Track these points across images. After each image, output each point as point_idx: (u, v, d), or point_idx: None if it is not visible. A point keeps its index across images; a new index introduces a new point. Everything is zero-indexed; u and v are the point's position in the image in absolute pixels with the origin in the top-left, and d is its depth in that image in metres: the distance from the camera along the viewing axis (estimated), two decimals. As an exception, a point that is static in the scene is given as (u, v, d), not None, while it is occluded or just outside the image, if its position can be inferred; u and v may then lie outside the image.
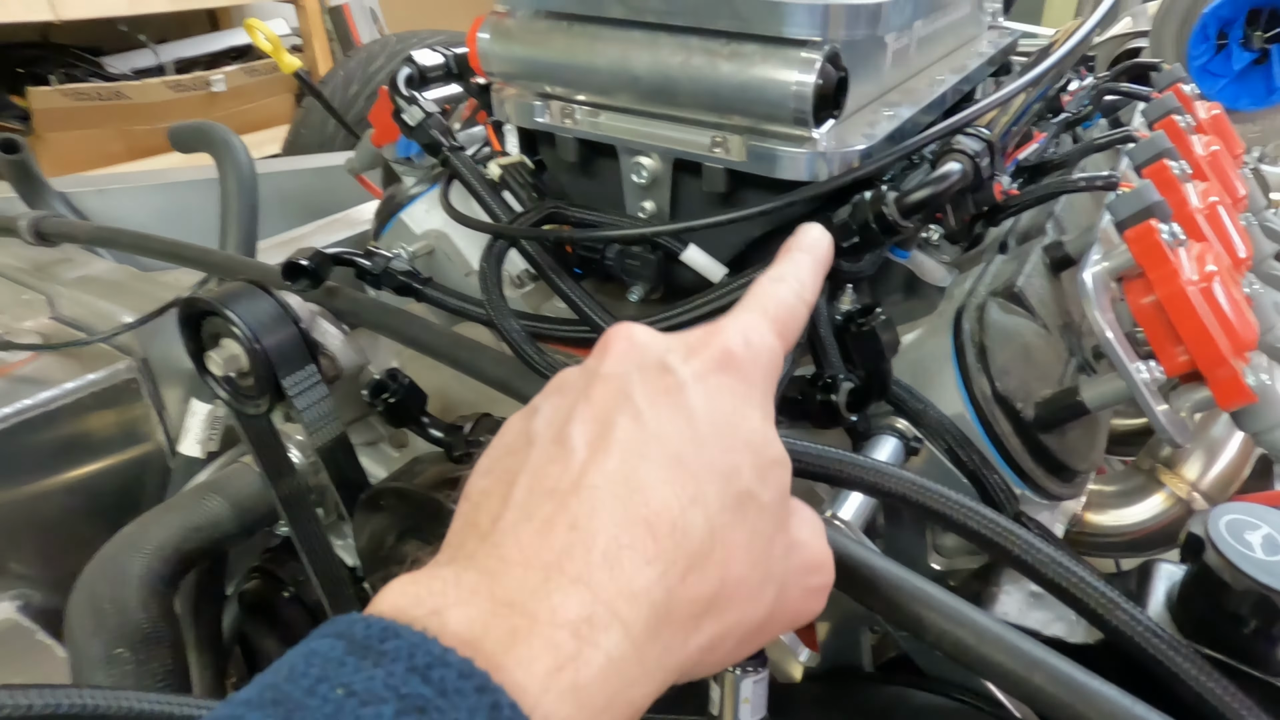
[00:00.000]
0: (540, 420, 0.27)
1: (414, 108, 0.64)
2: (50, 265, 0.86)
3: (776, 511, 0.27)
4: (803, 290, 0.34)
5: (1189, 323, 0.47)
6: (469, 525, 0.26)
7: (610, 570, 0.22)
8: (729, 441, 0.26)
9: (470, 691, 0.20)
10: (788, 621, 0.29)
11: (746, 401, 0.28)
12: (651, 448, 0.25)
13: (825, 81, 0.51)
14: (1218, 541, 0.36)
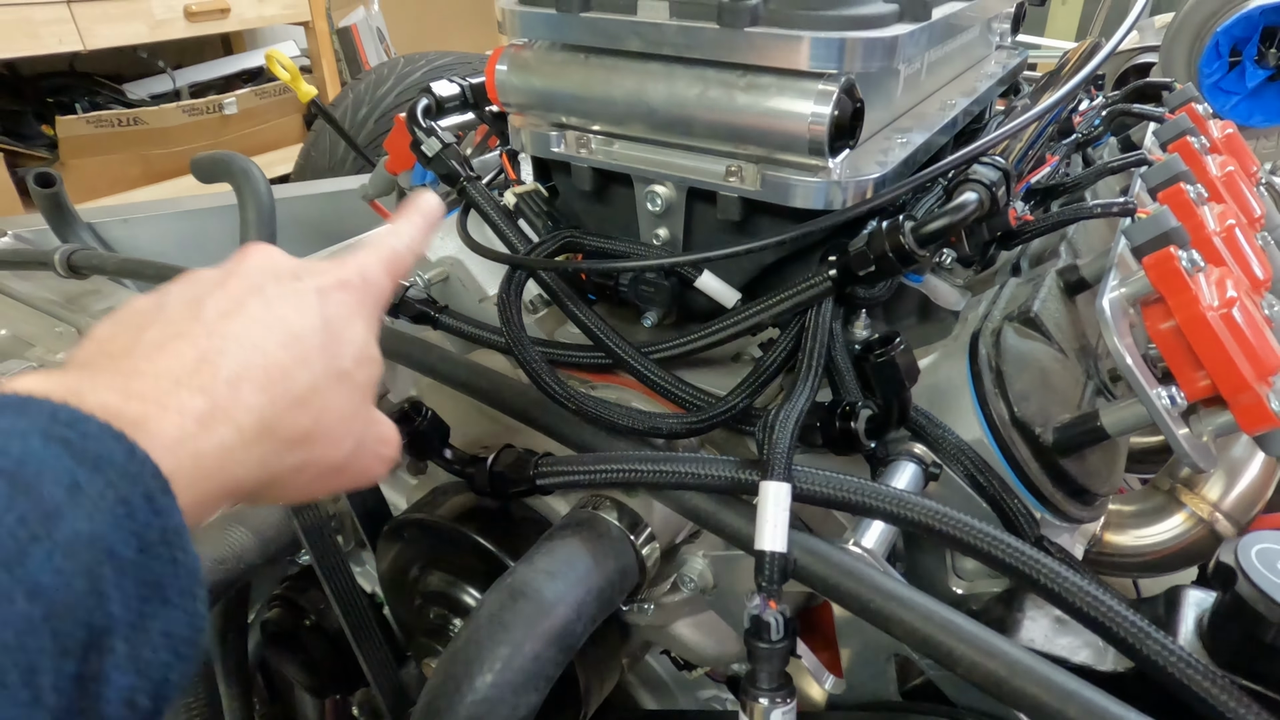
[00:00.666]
0: (171, 297, 0.33)
1: (432, 139, 0.65)
2: (80, 297, 0.87)
3: (365, 392, 0.36)
4: (412, 244, 0.42)
5: (1211, 349, 0.47)
6: (98, 354, 0.30)
7: (230, 389, 0.29)
8: (337, 335, 0.34)
9: (108, 438, 0.24)
10: (360, 471, 0.37)
11: (355, 315, 0.36)
12: (275, 325, 0.32)
13: (841, 113, 0.51)
14: (1250, 572, 0.36)
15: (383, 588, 0.64)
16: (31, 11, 1.90)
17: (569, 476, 0.49)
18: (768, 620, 0.40)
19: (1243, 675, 0.36)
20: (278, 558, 0.74)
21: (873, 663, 0.46)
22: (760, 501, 0.41)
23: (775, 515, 0.41)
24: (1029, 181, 0.67)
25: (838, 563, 0.40)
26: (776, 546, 0.40)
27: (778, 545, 0.40)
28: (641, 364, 0.58)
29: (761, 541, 0.40)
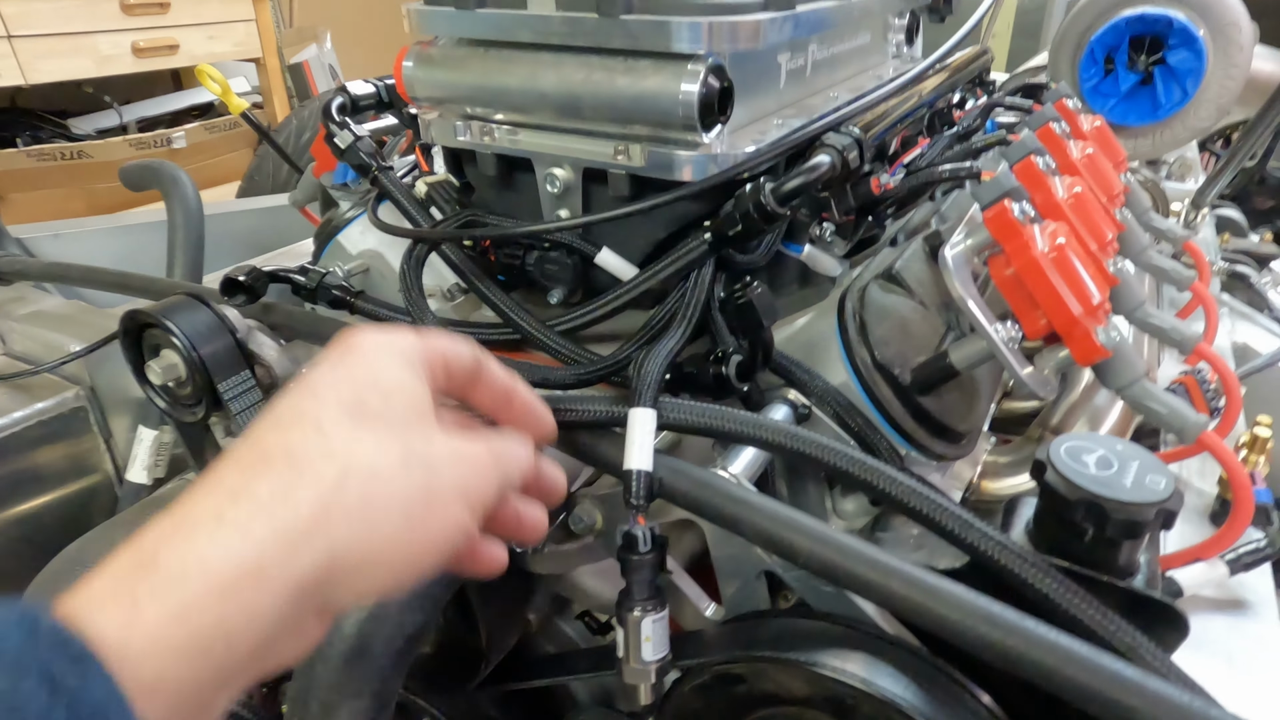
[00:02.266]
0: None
1: (345, 132, 0.69)
2: (4, 304, 0.89)
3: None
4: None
5: (1043, 288, 0.52)
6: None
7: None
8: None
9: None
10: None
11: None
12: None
13: (709, 90, 0.56)
14: (1056, 463, 0.40)
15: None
16: (-31, 45, 1.91)
17: (459, 423, 0.52)
18: (635, 534, 0.43)
19: (1059, 557, 0.40)
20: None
21: (746, 584, 0.49)
22: (629, 427, 0.45)
23: (641, 438, 0.44)
24: (903, 161, 0.73)
25: (697, 478, 0.44)
26: (643, 465, 0.43)
27: (644, 464, 0.43)
28: (542, 333, 0.62)
29: (629, 461, 0.44)
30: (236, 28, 2.57)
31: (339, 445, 0.31)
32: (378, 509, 0.31)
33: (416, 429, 0.34)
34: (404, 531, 0.32)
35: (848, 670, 0.38)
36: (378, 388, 0.34)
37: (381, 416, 0.33)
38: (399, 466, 0.32)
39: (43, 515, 0.82)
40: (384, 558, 0.31)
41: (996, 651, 0.33)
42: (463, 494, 0.34)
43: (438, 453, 0.34)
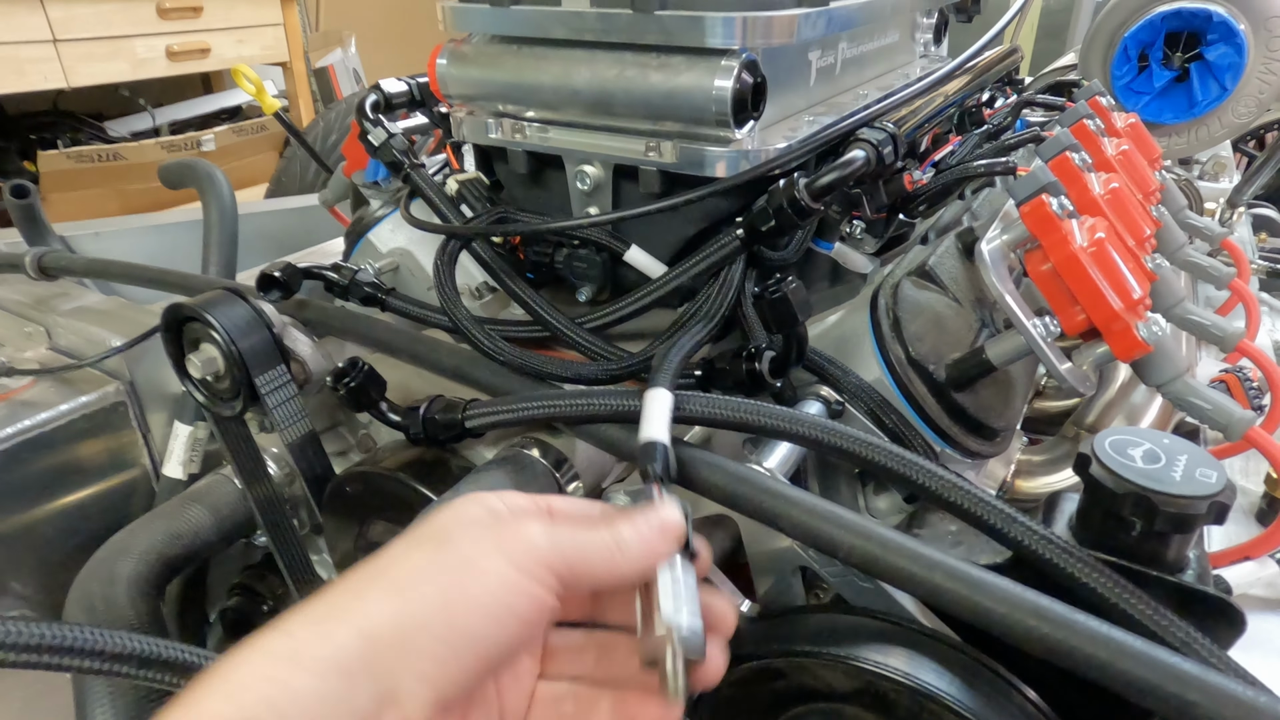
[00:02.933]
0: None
1: (378, 129, 0.70)
2: (49, 299, 0.91)
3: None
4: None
5: (1082, 283, 0.51)
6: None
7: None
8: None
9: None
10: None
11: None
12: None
13: (742, 86, 0.56)
14: (1102, 456, 0.39)
15: (329, 546, 0.67)
16: (19, 50, 1.97)
17: (494, 416, 0.53)
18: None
19: (1105, 552, 0.39)
20: (233, 537, 0.77)
21: (782, 579, 0.49)
22: (645, 405, 0.44)
23: (658, 414, 0.43)
24: (934, 159, 0.72)
25: (734, 472, 0.44)
26: (659, 437, 0.42)
27: (660, 437, 0.42)
28: (572, 329, 0.62)
29: (645, 434, 0.43)
30: (265, 32, 2.61)
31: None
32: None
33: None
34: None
35: (891, 665, 0.38)
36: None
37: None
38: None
39: (85, 507, 0.84)
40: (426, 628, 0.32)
41: (1047, 645, 0.33)
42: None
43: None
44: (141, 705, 0.58)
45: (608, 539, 0.35)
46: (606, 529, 0.35)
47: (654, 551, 0.36)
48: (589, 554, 0.34)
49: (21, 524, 0.80)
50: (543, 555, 0.34)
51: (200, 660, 0.41)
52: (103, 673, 0.38)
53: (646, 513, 0.37)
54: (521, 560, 0.33)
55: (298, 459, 0.65)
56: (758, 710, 0.46)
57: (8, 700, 0.74)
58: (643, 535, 0.35)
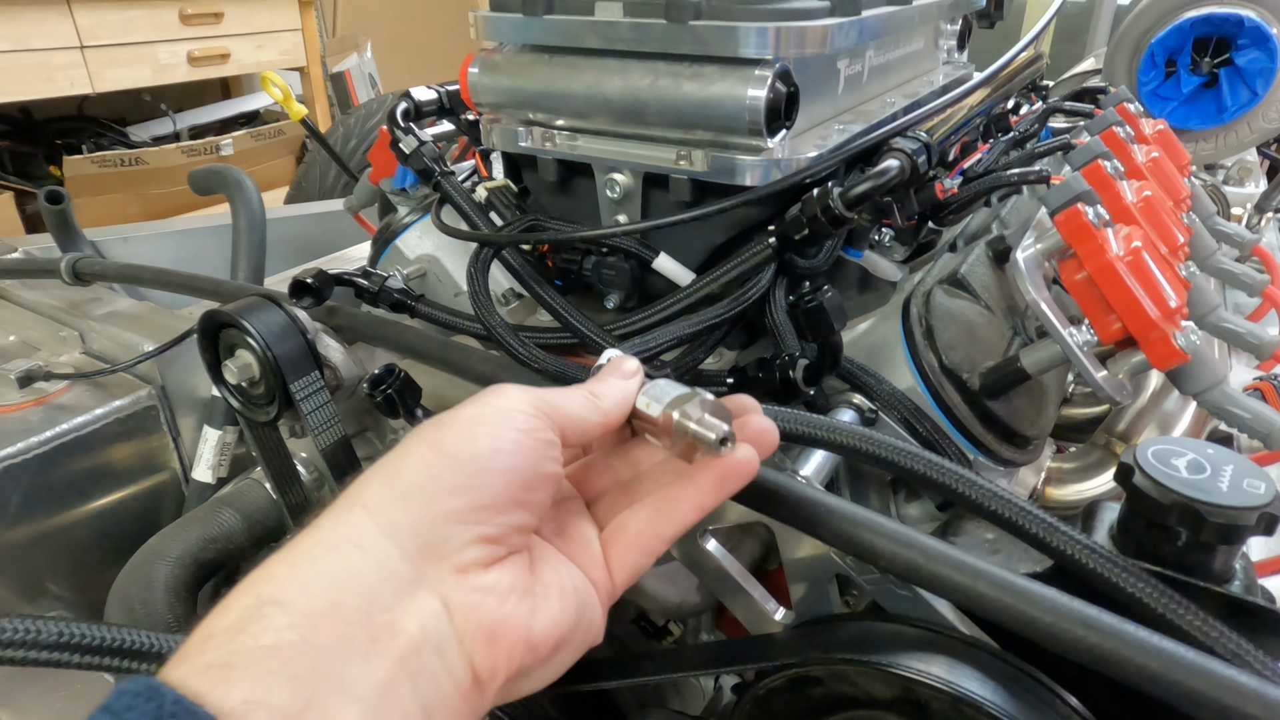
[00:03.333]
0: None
1: (409, 137, 0.71)
2: (82, 304, 0.92)
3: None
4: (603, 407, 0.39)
5: (1119, 292, 0.51)
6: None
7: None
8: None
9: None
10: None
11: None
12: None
13: (776, 95, 0.56)
14: (1145, 466, 0.39)
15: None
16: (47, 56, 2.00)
17: (530, 423, 0.53)
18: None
19: (1148, 561, 0.39)
20: (264, 540, 0.77)
21: (818, 587, 0.49)
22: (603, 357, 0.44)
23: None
24: (963, 167, 0.72)
25: (772, 480, 0.44)
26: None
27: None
28: (601, 336, 0.62)
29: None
30: (283, 37, 2.64)
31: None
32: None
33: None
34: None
35: (931, 672, 0.38)
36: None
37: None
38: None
39: (118, 510, 0.85)
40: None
41: (1096, 655, 0.33)
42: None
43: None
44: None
45: (580, 391, 0.37)
46: (576, 388, 0.37)
47: (625, 390, 0.38)
48: (569, 401, 0.36)
49: (57, 526, 0.81)
50: (522, 396, 0.34)
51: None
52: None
53: (605, 369, 0.39)
54: (501, 403, 0.34)
55: (331, 465, 0.66)
56: (795, 718, 0.46)
57: (48, 700, 0.75)
58: (610, 384, 0.38)
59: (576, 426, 0.36)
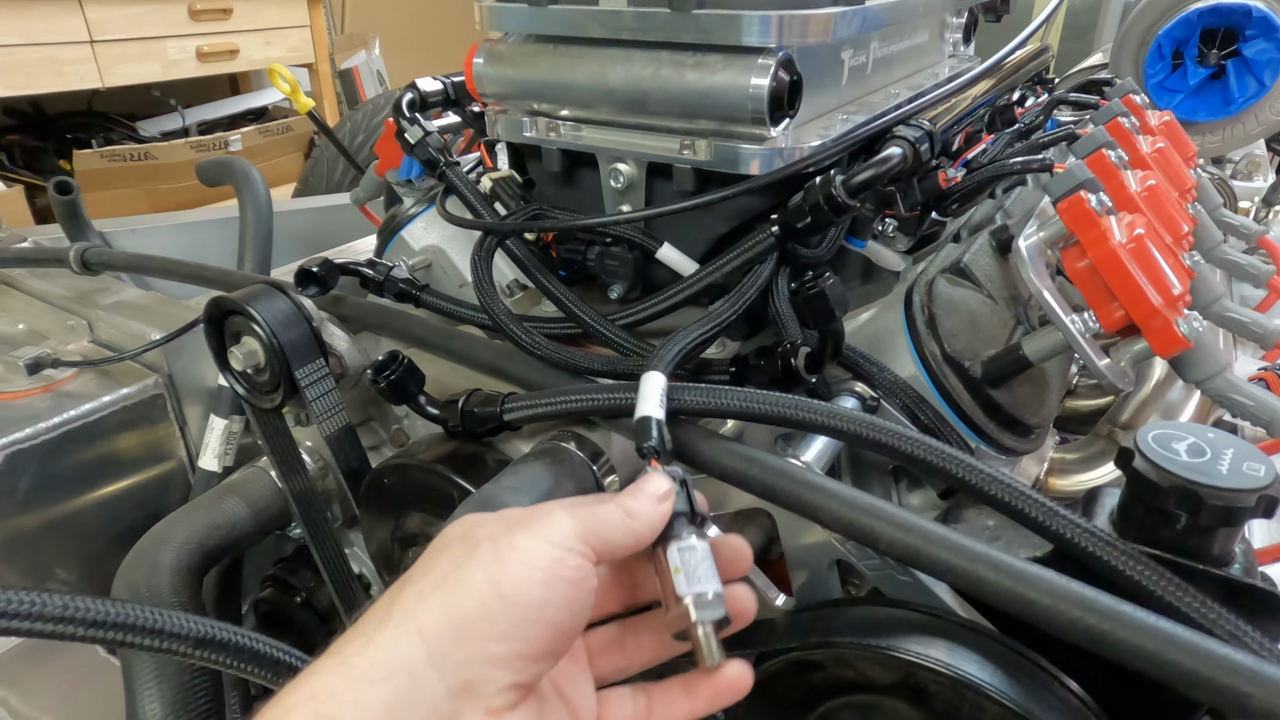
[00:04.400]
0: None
1: (415, 127, 0.71)
2: (90, 293, 0.93)
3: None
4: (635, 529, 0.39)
5: (1122, 280, 0.51)
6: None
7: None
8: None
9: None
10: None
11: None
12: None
13: (779, 84, 0.56)
14: (1145, 449, 0.39)
15: (365, 538, 0.68)
16: (57, 51, 2.02)
17: (532, 409, 0.53)
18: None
19: (1148, 546, 0.39)
20: (269, 528, 0.78)
21: (819, 574, 0.49)
22: (641, 387, 0.45)
23: (651, 394, 0.44)
24: (967, 157, 0.72)
25: (772, 465, 0.44)
26: (652, 413, 0.43)
27: (654, 412, 0.43)
28: (604, 326, 0.63)
29: (640, 411, 0.44)
30: (292, 34, 2.65)
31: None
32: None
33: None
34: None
35: (932, 656, 0.38)
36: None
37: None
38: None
39: (125, 497, 0.86)
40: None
41: (1093, 636, 0.33)
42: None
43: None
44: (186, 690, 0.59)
45: (618, 510, 0.38)
46: (613, 503, 0.38)
47: (656, 513, 0.38)
48: (608, 525, 0.37)
49: (65, 512, 0.82)
50: (571, 529, 0.35)
51: (268, 649, 0.42)
52: (168, 652, 0.39)
53: (641, 483, 0.39)
54: (554, 536, 0.35)
55: (335, 452, 0.66)
56: (794, 704, 0.46)
57: (55, 682, 0.76)
58: (642, 503, 0.38)
59: (610, 550, 0.37)
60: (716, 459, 0.46)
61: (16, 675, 0.78)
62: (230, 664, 0.41)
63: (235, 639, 0.41)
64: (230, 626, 0.42)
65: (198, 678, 0.60)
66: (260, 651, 0.42)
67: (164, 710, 0.58)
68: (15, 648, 0.80)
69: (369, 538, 0.68)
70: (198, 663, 0.41)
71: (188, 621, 0.40)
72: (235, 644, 0.41)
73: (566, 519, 0.36)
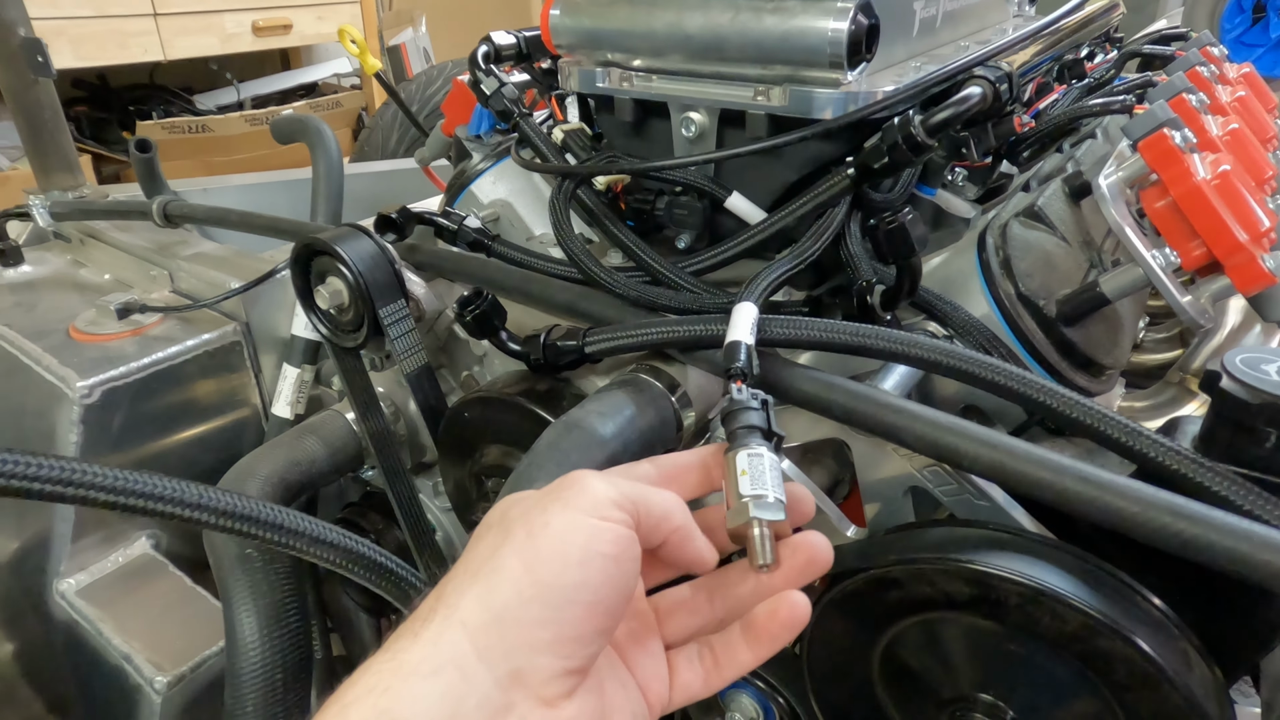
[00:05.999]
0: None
1: (490, 79, 0.73)
2: (171, 245, 0.97)
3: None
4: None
5: (1205, 215, 0.51)
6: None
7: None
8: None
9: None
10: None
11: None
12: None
13: (858, 27, 0.57)
14: (1234, 371, 0.40)
15: (442, 475, 0.70)
16: (123, 23, 2.09)
17: (614, 341, 0.55)
18: (733, 391, 0.42)
19: (1234, 465, 0.40)
20: (343, 468, 0.81)
21: (893, 503, 0.50)
22: (733, 316, 0.47)
23: (743, 322, 0.46)
24: (1038, 107, 0.72)
25: (854, 390, 0.45)
26: (743, 337, 0.45)
27: (745, 338, 0.45)
28: (675, 272, 0.64)
29: (731, 336, 0.45)
30: (343, 9, 2.69)
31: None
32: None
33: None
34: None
35: (1016, 569, 0.39)
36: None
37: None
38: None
39: (204, 440, 0.90)
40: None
41: (1184, 540, 0.33)
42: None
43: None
44: (278, 608, 0.63)
45: (653, 469, 0.38)
46: (650, 463, 0.38)
47: (711, 484, 0.38)
48: (649, 494, 0.36)
49: (152, 452, 0.86)
50: (606, 495, 0.34)
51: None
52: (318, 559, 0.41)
53: (701, 454, 0.39)
54: (588, 506, 0.34)
55: (415, 390, 0.69)
56: (867, 622, 0.47)
57: (146, 609, 0.81)
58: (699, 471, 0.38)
59: (653, 513, 0.36)
60: (797, 385, 0.47)
61: (110, 600, 0.83)
62: (366, 576, 0.44)
63: (373, 554, 0.44)
64: (367, 543, 0.45)
65: (288, 597, 0.64)
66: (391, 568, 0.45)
67: (259, 624, 0.61)
68: (108, 575, 0.85)
69: (446, 476, 0.71)
70: (340, 571, 0.44)
71: (337, 534, 0.42)
72: (371, 559, 0.44)
73: (600, 484, 0.34)
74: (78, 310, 0.90)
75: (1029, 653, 0.41)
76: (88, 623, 0.79)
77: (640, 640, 0.39)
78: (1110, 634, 0.37)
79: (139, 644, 0.77)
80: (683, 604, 0.41)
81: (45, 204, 1.05)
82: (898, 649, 0.47)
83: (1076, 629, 0.38)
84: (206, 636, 0.77)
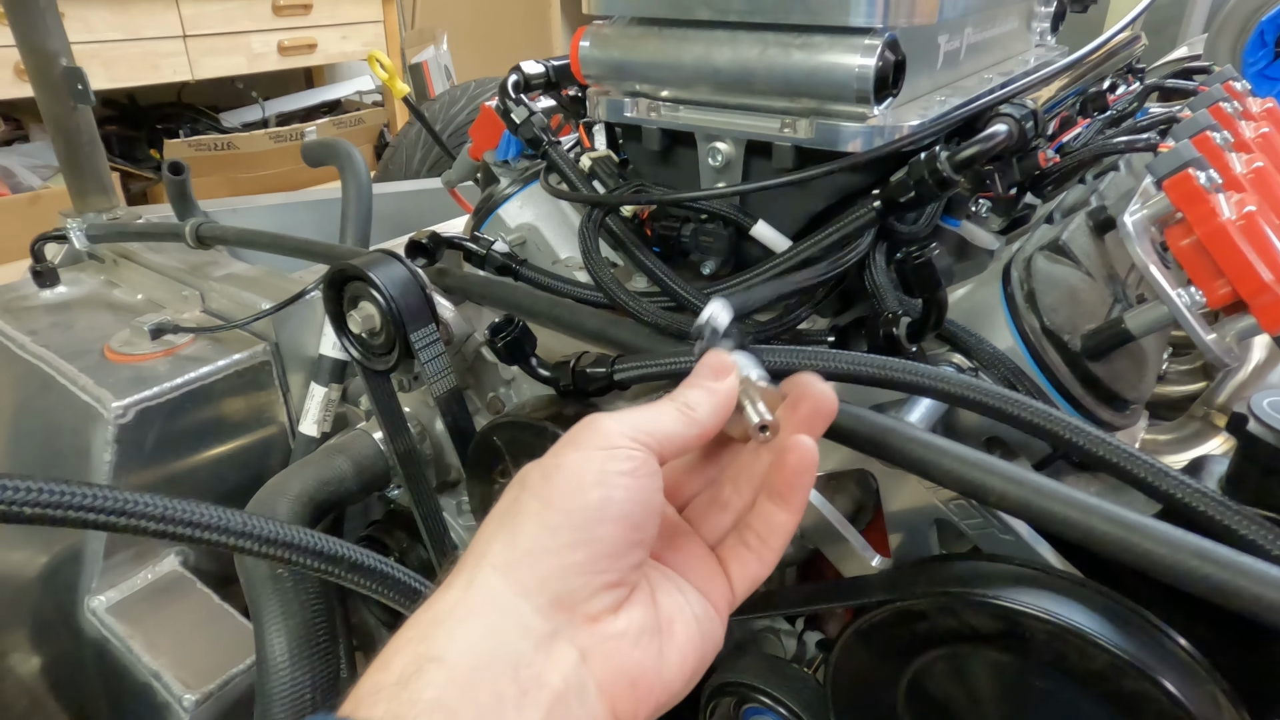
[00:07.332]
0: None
1: (521, 107, 0.74)
2: (202, 266, 0.99)
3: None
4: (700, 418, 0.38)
5: (1230, 255, 0.51)
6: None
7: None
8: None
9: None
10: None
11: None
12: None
13: (885, 64, 0.58)
14: (1261, 415, 0.40)
15: (470, 495, 0.71)
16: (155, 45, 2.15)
17: (643, 369, 0.56)
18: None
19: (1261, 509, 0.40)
20: (371, 487, 0.83)
21: (917, 534, 0.51)
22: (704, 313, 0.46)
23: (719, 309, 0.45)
24: (1061, 140, 0.72)
25: (881, 424, 0.46)
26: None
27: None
28: (698, 299, 0.65)
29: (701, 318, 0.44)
30: (366, 29, 2.74)
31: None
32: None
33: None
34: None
35: (1042, 605, 0.40)
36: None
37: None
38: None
39: (233, 458, 0.91)
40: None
41: (1212, 585, 0.34)
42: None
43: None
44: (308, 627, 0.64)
45: (671, 405, 0.37)
46: (667, 399, 0.37)
47: (719, 394, 0.38)
48: (661, 419, 0.36)
49: (183, 469, 0.88)
50: (618, 430, 0.34)
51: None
52: (323, 573, 0.43)
53: (698, 370, 0.39)
54: (600, 441, 0.34)
55: (444, 412, 0.70)
56: (893, 653, 0.48)
57: (174, 626, 0.82)
58: (698, 391, 0.38)
59: (675, 444, 0.36)
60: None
61: (139, 617, 0.84)
62: (375, 588, 0.45)
63: (380, 566, 0.45)
64: (375, 555, 0.46)
65: (318, 616, 0.65)
66: (400, 579, 0.46)
67: (289, 643, 0.62)
68: (137, 592, 0.86)
69: (473, 494, 0.72)
70: (348, 585, 0.45)
71: (342, 547, 0.43)
72: (380, 570, 0.45)
73: (611, 422, 0.35)
74: (112, 330, 0.93)
75: (1055, 690, 0.42)
76: (117, 640, 0.81)
77: (684, 549, 0.39)
78: (1137, 675, 0.38)
79: (167, 661, 0.78)
80: (712, 503, 0.41)
81: (82, 226, 1.08)
82: (923, 681, 0.47)
83: (1103, 669, 0.39)
84: (234, 653, 0.79)
